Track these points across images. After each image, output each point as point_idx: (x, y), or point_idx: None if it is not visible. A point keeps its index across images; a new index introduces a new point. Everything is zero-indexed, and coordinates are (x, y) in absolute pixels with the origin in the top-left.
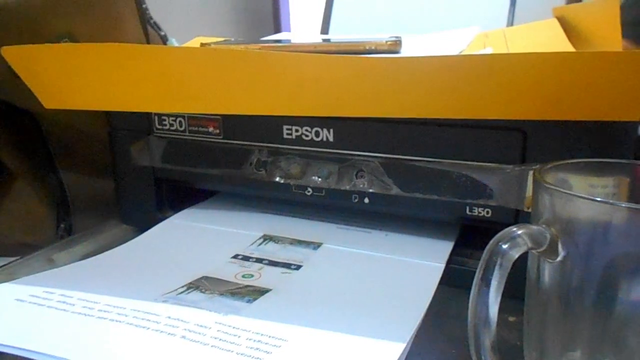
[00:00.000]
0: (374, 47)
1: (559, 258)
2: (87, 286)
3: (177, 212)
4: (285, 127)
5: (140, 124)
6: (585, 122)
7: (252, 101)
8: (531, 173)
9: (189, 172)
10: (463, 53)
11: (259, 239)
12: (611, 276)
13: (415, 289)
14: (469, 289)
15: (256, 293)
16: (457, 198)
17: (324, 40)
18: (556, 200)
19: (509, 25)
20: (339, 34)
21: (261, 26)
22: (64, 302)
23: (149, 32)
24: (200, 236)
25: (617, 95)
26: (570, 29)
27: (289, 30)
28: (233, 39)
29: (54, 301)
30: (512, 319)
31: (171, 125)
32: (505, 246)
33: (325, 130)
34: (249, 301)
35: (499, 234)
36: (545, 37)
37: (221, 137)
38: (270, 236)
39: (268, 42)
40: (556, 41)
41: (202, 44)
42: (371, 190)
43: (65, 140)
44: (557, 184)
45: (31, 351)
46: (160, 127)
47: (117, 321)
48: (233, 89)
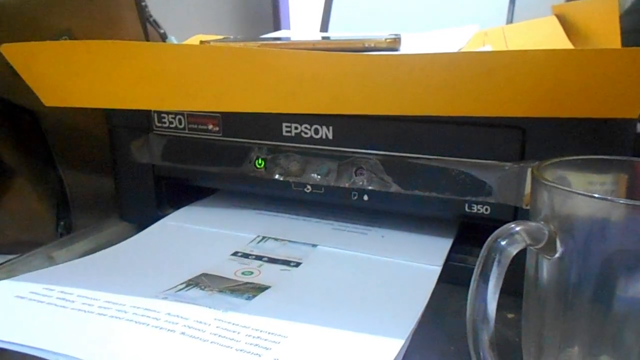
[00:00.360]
0: (373, 45)
1: (557, 254)
2: (86, 283)
3: (176, 209)
4: (285, 124)
5: (140, 121)
6: (584, 119)
7: (251, 99)
8: (530, 170)
9: (188, 170)
10: (462, 51)
11: (257, 237)
12: (609, 273)
13: (413, 290)
14: (468, 286)
15: (255, 290)
16: (456, 195)
17: (323, 38)
18: (554, 197)
19: (508, 22)
20: (338, 31)
21: (261, 24)
22: (64, 299)
23: (148, 29)
24: (197, 236)
25: (615, 93)
26: (569, 26)
27: (288, 27)
28: (232, 36)
29: (54, 298)
30: (511, 315)
31: (171, 122)
32: (503, 243)
33: (325, 128)
34: (248, 298)
35: (497, 230)
36: (545, 35)
37: (220, 134)
38: (266, 238)
39: (267, 39)
40: (555, 39)
41: (202, 42)
42: (370, 188)
43: (65, 137)
44: (556, 181)
45: (32, 347)
46: (159, 124)
47: (117, 317)
48: (232, 86)
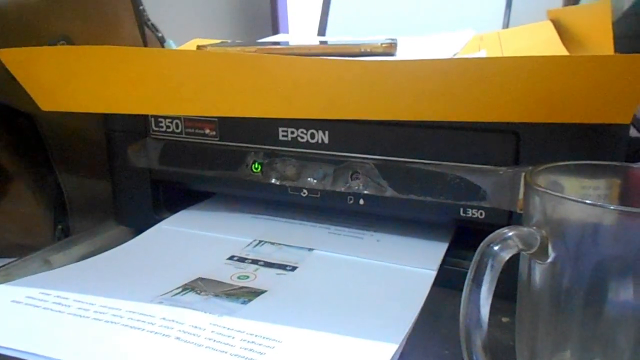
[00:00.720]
0: (369, 50)
1: (549, 259)
2: (83, 288)
3: (173, 213)
4: (281, 129)
5: (137, 125)
6: (577, 124)
7: (247, 104)
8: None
9: (185, 174)
10: (458, 55)
11: (253, 241)
12: (600, 278)
13: (407, 294)
14: (462, 290)
15: (251, 294)
16: (451, 200)
17: (321, 42)
18: (546, 202)
19: (504, 27)
20: (335, 35)
21: (259, 27)
22: (60, 304)
23: (146, 33)
24: (193, 240)
25: (608, 99)
26: (564, 31)
27: (287, 31)
28: (230, 40)
29: (50, 302)
30: (505, 319)
31: (168, 127)
32: (496, 248)
33: (321, 132)
34: (243, 302)
35: (490, 235)
36: (539, 40)
37: (217, 139)
38: (262, 242)
39: (264, 44)
40: (550, 44)
41: (199, 46)
42: (366, 192)
43: (63, 142)
44: (549, 186)
45: (27, 352)
46: (156, 129)
47: (112, 322)
48: (229, 91)
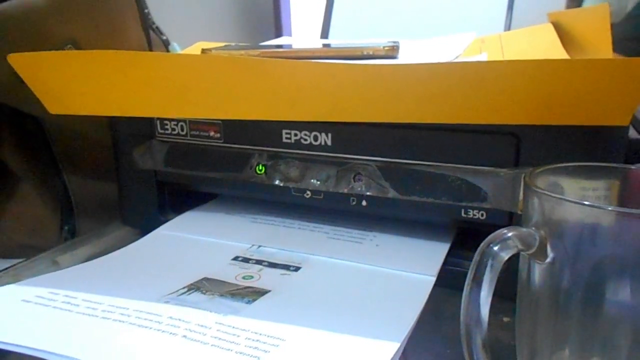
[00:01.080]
0: (371, 52)
1: (548, 260)
2: (91, 287)
3: (178, 214)
4: (285, 131)
5: (143, 128)
6: (576, 126)
7: (251, 107)
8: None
9: (190, 176)
10: (460, 58)
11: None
12: (599, 278)
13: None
14: (463, 290)
15: (256, 294)
16: (452, 201)
17: (324, 45)
18: (545, 203)
19: (506, 29)
20: (338, 37)
21: (262, 30)
22: (68, 303)
23: (151, 36)
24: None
25: (607, 101)
26: (564, 34)
27: (290, 34)
28: (234, 43)
29: (58, 302)
30: (506, 319)
31: (173, 129)
32: (495, 248)
33: (324, 135)
34: (248, 302)
35: (490, 236)
36: (540, 43)
37: (222, 141)
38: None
39: (268, 47)
40: (550, 46)
41: (203, 50)
42: (368, 193)
43: (69, 144)
44: (549, 188)
45: (37, 350)
46: (162, 131)
47: (120, 321)
48: (233, 94)
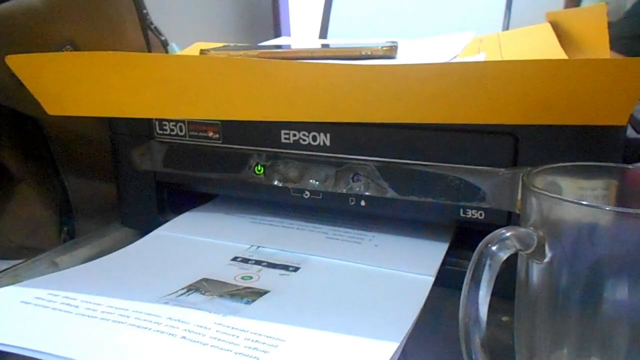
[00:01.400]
0: (369, 53)
1: (546, 259)
2: (90, 288)
3: (177, 215)
4: (283, 131)
5: (142, 129)
6: (574, 126)
7: (250, 107)
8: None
9: (189, 176)
10: (458, 57)
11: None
12: (596, 277)
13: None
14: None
15: (255, 294)
16: (451, 201)
17: (322, 46)
18: (542, 203)
19: (504, 29)
20: (337, 37)
21: (261, 30)
22: (68, 304)
23: (150, 37)
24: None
25: (604, 100)
26: (562, 34)
27: (288, 34)
28: (232, 44)
29: (58, 303)
30: (505, 318)
31: (172, 130)
32: (494, 248)
33: (322, 135)
34: (247, 302)
35: (488, 236)
36: (538, 42)
37: (220, 141)
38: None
39: (266, 47)
40: (548, 46)
41: (202, 50)
42: (367, 194)
43: (68, 145)
44: (547, 187)
45: (36, 351)
46: (161, 132)
47: (119, 322)
48: (232, 95)
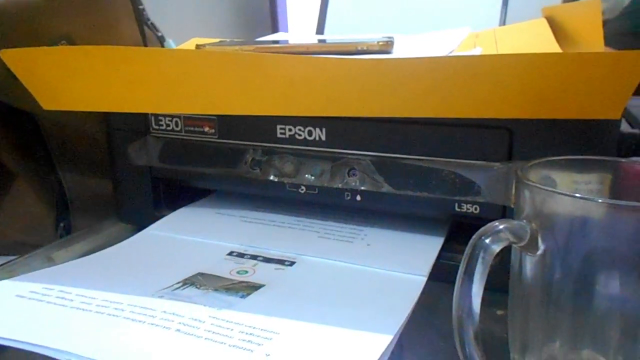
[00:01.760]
0: (366, 48)
1: (539, 252)
2: (85, 283)
3: (173, 210)
4: (279, 126)
5: (138, 124)
6: (569, 120)
7: (246, 102)
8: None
9: (185, 171)
10: (454, 53)
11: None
12: (589, 270)
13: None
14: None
15: (250, 288)
16: (446, 195)
17: (319, 41)
18: (535, 196)
19: (501, 24)
20: (333, 33)
21: (258, 26)
22: (62, 298)
23: (146, 32)
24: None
25: (599, 95)
26: (557, 29)
27: (286, 30)
28: (229, 40)
29: (53, 297)
30: (500, 312)
31: (168, 125)
32: (487, 240)
33: (318, 130)
34: (242, 296)
35: (482, 228)
36: (534, 37)
37: (216, 136)
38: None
39: (263, 42)
40: (544, 41)
41: (198, 46)
42: (363, 188)
43: (64, 140)
44: (541, 181)
45: (32, 344)
46: (157, 127)
47: (114, 315)
48: (227, 90)
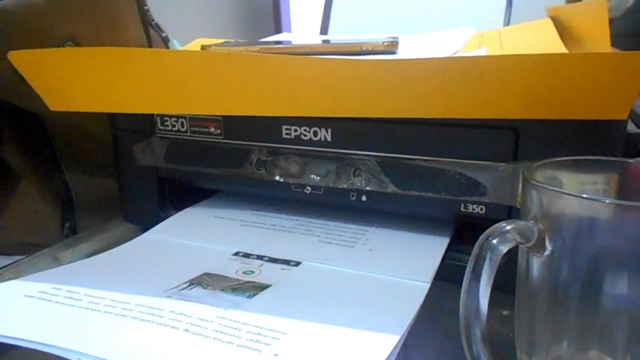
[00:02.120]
0: (370, 48)
1: (547, 252)
2: (93, 282)
3: (179, 210)
4: (285, 127)
5: (143, 124)
6: (575, 120)
7: (251, 103)
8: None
9: (190, 172)
10: (459, 53)
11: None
12: (596, 270)
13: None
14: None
15: (256, 288)
16: (451, 195)
17: (323, 41)
18: (543, 196)
19: (505, 24)
20: (337, 33)
21: (262, 26)
22: (71, 298)
23: (151, 33)
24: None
25: (605, 95)
26: (563, 29)
27: (289, 30)
28: (233, 40)
29: (61, 297)
30: (506, 312)
31: (173, 125)
32: (494, 241)
33: (324, 130)
34: (249, 296)
35: (489, 229)
36: (539, 38)
37: (222, 137)
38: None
39: (267, 43)
40: (549, 41)
41: (203, 46)
42: (368, 188)
43: (70, 140)
44: (547, 181)
45: (41, 343)
46: (162, 127)
47: (122, 315)
48: (233, 91)
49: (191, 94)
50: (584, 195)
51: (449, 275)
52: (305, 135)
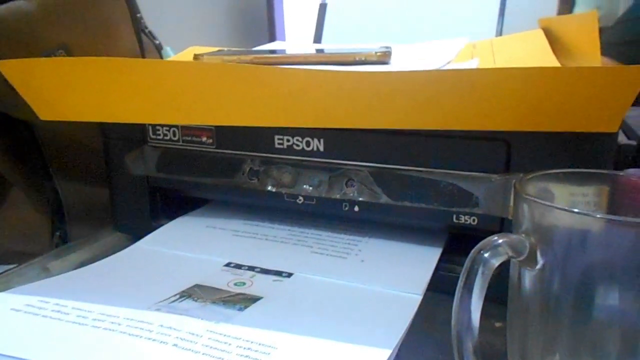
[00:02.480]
0: (363, 58)
1: (538, 266)
2: (81, 295)
3: (170, 220)
4: (277, 137)
5: (135, 133)
6: (566, 133)
7: (244, 113)
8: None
9: (182, 181)
10: (451, 63)
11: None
12: (588, 283)
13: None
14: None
15: (247, 301)
16: (444, 206)
17: (317, 51)
18: (534, 210)
19: (497, 34)
20: (331, 42)
21: (256, 34)
22: (58, 312)
23: (144, 41)
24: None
25: (596, 108)
26: (554, 40)
27: (283, 38)
28: (227, 49)
29: (48, 310)
30: (498, 324)
31: (165, 135)
32: (486, 255)
33: (316, 140)
34: (240, 309)
35: (481, 242)
36: (530, 48)
37: (214, 146)
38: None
39: (260, 52)
40: (540, 52)
41: (196, 55)
42: (361, 199)
43: (61, 149)
44: (539, 194)
45: None
46: (154, 136)
47: (110, 330)
48: (225, 101)
49: (183, 104)
50: (576, 210)
51: (441, 286)
52: (297, 145)
